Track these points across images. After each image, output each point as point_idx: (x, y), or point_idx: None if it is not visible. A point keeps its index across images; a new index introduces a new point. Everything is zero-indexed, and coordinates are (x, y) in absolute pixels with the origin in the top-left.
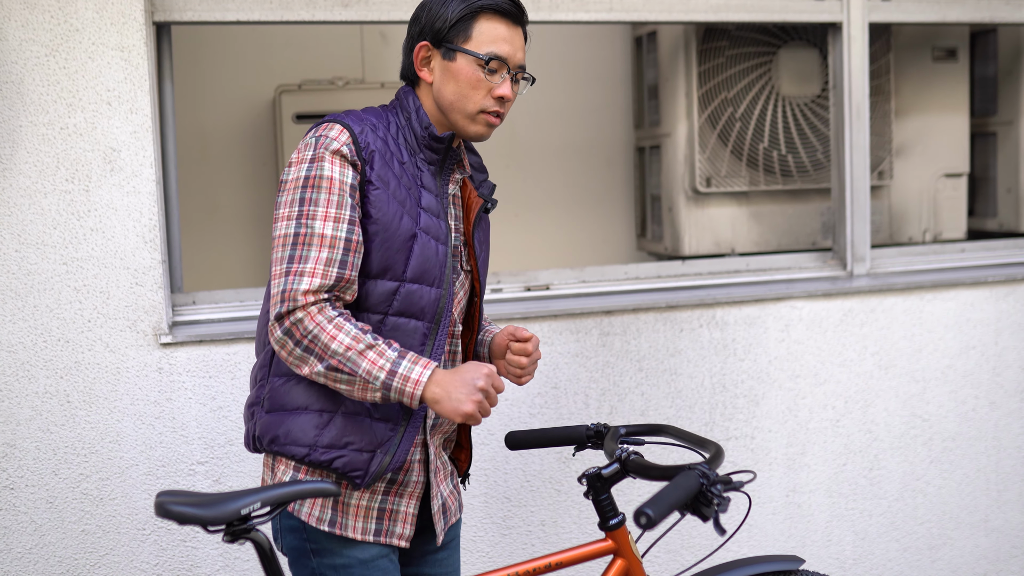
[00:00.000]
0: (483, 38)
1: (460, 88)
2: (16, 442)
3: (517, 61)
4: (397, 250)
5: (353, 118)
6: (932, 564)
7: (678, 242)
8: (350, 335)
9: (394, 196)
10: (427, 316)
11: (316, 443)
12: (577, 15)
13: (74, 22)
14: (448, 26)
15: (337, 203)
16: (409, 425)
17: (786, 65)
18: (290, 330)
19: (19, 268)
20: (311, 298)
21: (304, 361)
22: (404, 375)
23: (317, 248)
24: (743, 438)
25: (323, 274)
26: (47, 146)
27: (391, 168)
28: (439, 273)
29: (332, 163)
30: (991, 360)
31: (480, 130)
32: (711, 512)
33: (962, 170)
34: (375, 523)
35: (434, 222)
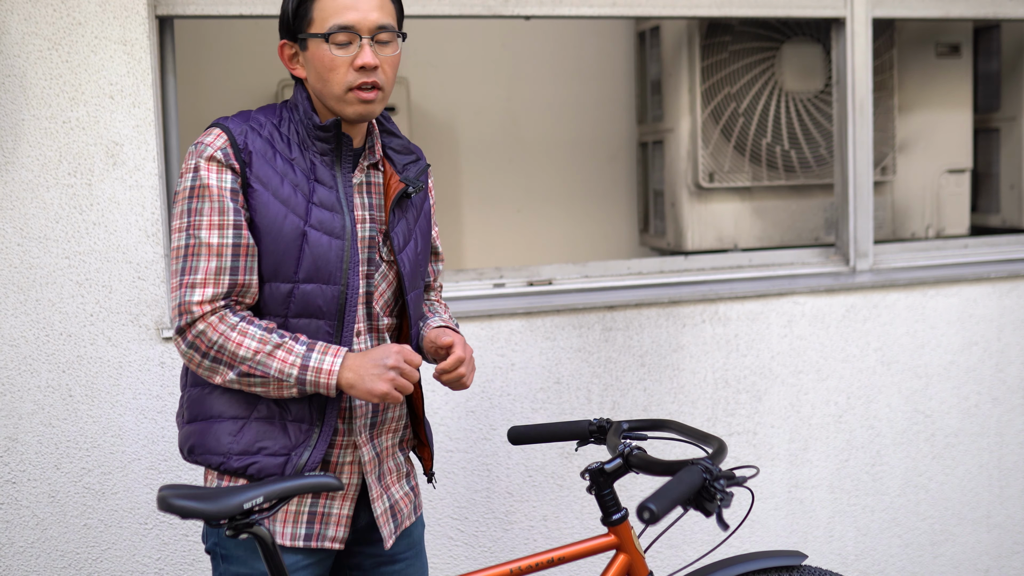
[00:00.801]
0: (324, 15)
1: (320, 74)
2: (18, 436)
3: (370, 23)
4: (285, 251)
5: (237, 120)
6: (934, 560)
7: (681, 237)
8: (256, 338)
9: (276, 196)
10: (327, 315)
11: (230, 451)
12: (580, 9)
13: (77, 15)
14: (293, 18)
15: (219, 210)
16: (324, 424)
17: (789, 60)
18: (194, 343)
19: (21, 262)
20: (207, 307)
21: (215, 371)
22: (316, 367)
23: (206, 258)
24: (745, 434)
25: (215, 283)
26: (49, 140)
27: (273, 166)
28: (336, 269)
29: (209, 170)
30: (994, 356)
31: (357, 109)
32: (714, 507)
33: (965, 166)
34: (305, 527)
35: (328, 216)
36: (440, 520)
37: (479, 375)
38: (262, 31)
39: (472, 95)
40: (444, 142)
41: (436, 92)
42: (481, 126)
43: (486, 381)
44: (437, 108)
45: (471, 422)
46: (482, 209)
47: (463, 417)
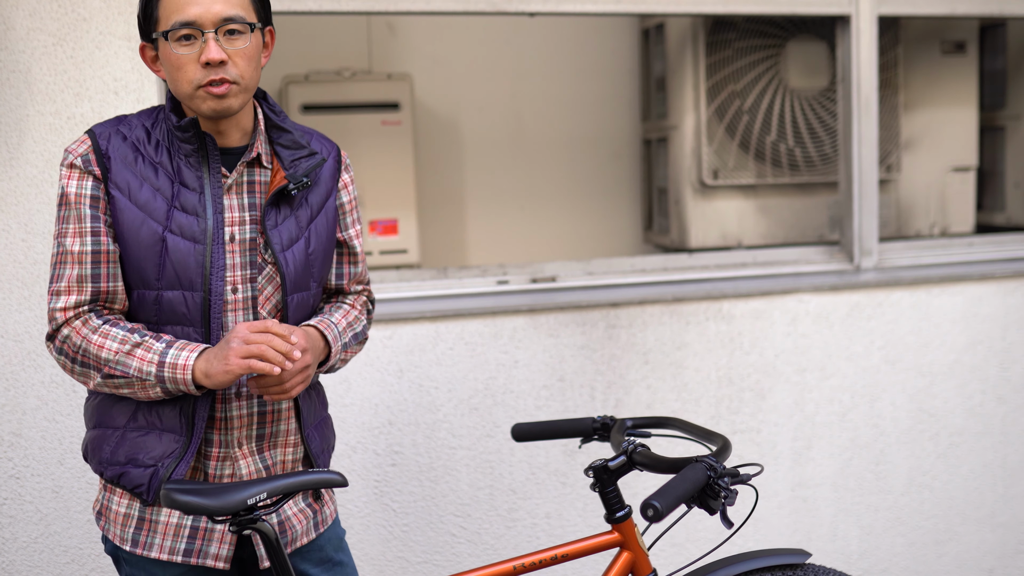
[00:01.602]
0: (167, 13)
1: (171, 74)
2: (22, 431)
3: (214, 16)
4: (144, 257)
5: (108, 123)
6: (938, 559)
7: (685, 235)
8: (117, 339)
9: (133, 201)
10: (193, 322)
11: (105, 460)
12: (585, 6)
13: (81, 11)
14: (143, 18)
15: (77, 217)
16: (193, 434)
17: (794, 58)
18: (62, 348)
19: (25, 257)
20: (71, 314)
21: (86, 376)
22: (172, 363)
23: (69, 266)
24: (749, 432)
25: (78, 290)
26: (54, 135)
27: (132, 171)
28: (196, 275)
29: (70, 178)
30: (998, 355)
31: (211, 104)
32: (718, 505)
33: (970, 164)
34: (185, 542)
35: (187, 221)
36: (443, 517)
37: (482, 371)
38: None
39: (476, 92)
40: (448, 139)
41: (440, 89)
42: (485, 123)
43: (489, 378)
44: (441, 105)
45: (474, 419)
46: (486, 206)
47: (466, 414)
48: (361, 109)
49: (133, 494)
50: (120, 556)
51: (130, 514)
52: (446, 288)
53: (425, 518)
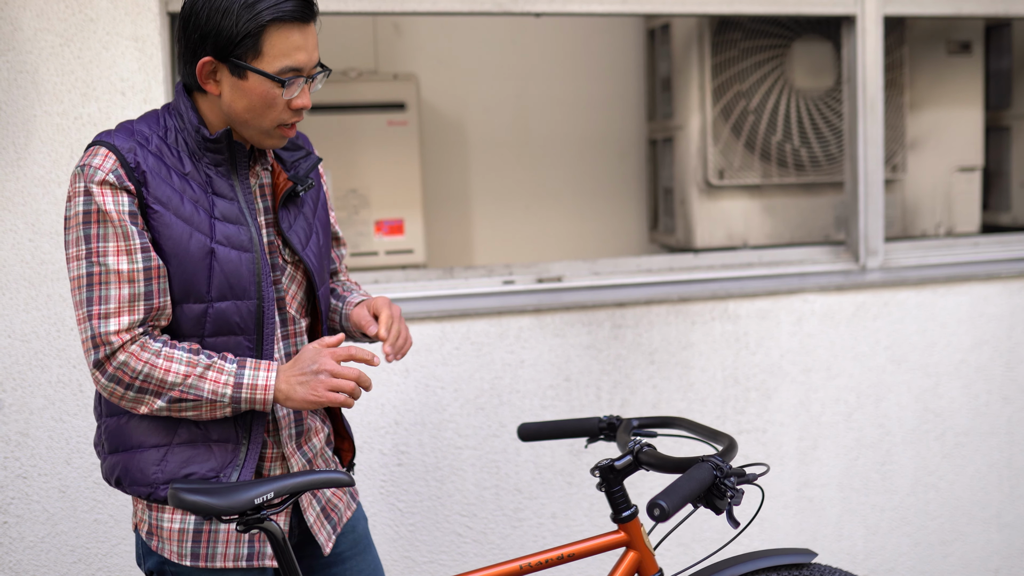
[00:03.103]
0: (275, 52)
1: (254, 106)
2: (29, 431)
3: (312, 63)
4: (194, 271)
5: (121, 135)
6: (944, 559)
7: (690, 235)
8: (183, 362)
9: (178, 215)
10: (245, 331)
11: (156, 480)
12: (591, 7)
13: (89, 12)
14: (234, 42)
15: (124, 235)
16: (251, 441)
17: (800, 58)
18: (116, 376)
19: (33, 257)
20: (125, 337)
21: (140, 401)
22: (251, 384)
23: (116, 286)
24: (755, 431)
25: (130, 310)
26: (61, 136)
27: (170, 184)
28: (249, 284)
29: (103, 195)
30: (1004, 355)
31: (275, 142)
32: (724, 505)
33: (976, 164)
34: (247, 547)
35: (234, 230)
36: (449, 517)
37: (488, 371)
38: None
39: (482, 92)
40: (453, 139)
41: (446, 89)
42: (491, 123)
43: (495, 378)
44: (447, 105)
45: (480, 419)
46: (492, 206)
47: (472, 414)
48: (367, 109)
49: None
50: (168, 571)
51: (185, 528)
52: (452, 288)
53: (431, 518)
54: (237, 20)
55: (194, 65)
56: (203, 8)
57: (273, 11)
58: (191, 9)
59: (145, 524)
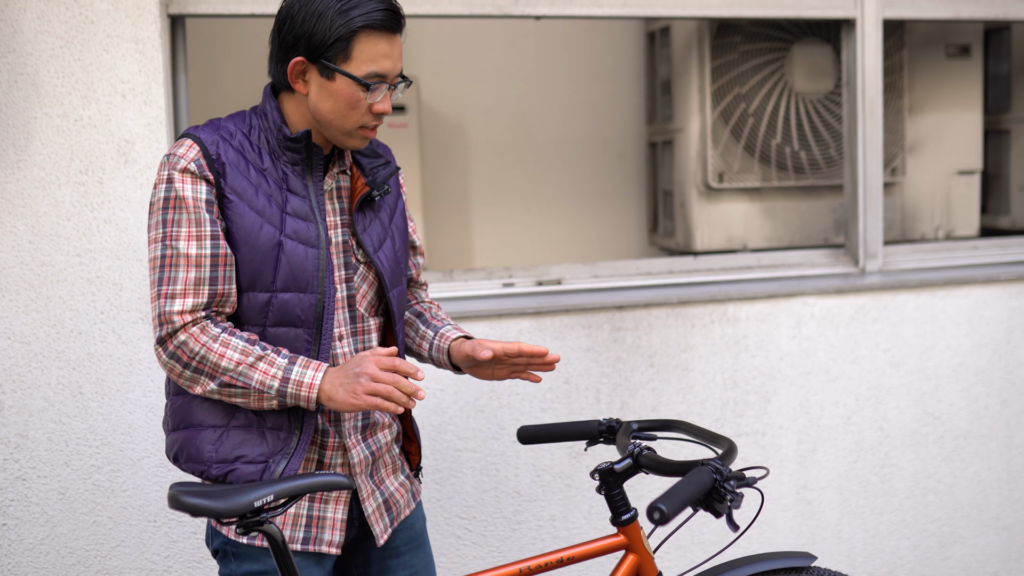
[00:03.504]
0: (363, 57)
1: (338, 107)
2: (29, 433)
3: (396, 71)
4: (262, 261)
5: (207, 129)
6: (943, 562)
7: (690, 238)
8: (238, 350)
9: (251, 206)
10: (306, 323)
11: (210, 459)
12: (591, 9)
13: (89, 14)
14: (326, 45)
15: (196, 221)
16: (303, 432)
17: (799, 61)
18: (175, 354)
19: (32, 259)
20: (188, 318)
21: (195, 381)
22: (297, 380)
23: (184, 268)
24: (754, 434)
25: (195, 293)
26: (61, 138)
27: (247, 177)
28: (312, 278)
29: (183, 182)
30: (1003, 358)
31: (357, 143)
32: (724, 508)
33: (975, 167)
34: (303, 531)
35: (302, 226)
36: (448, 519)
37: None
38: None
39: (482, 95)
40: (454, 141)
41: (446, 91)
42: (491, 126)
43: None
44: (447, 107)
45: (480, 421)
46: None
47: (472, 416)
48: None
49: None
50: (229, 551)
51: None
52: (452, 290)
53: (431, 520)
54: (331, 24)
55: (286, 64)
56: (299, 11)
57: (365, 18)
58: (287, 12)
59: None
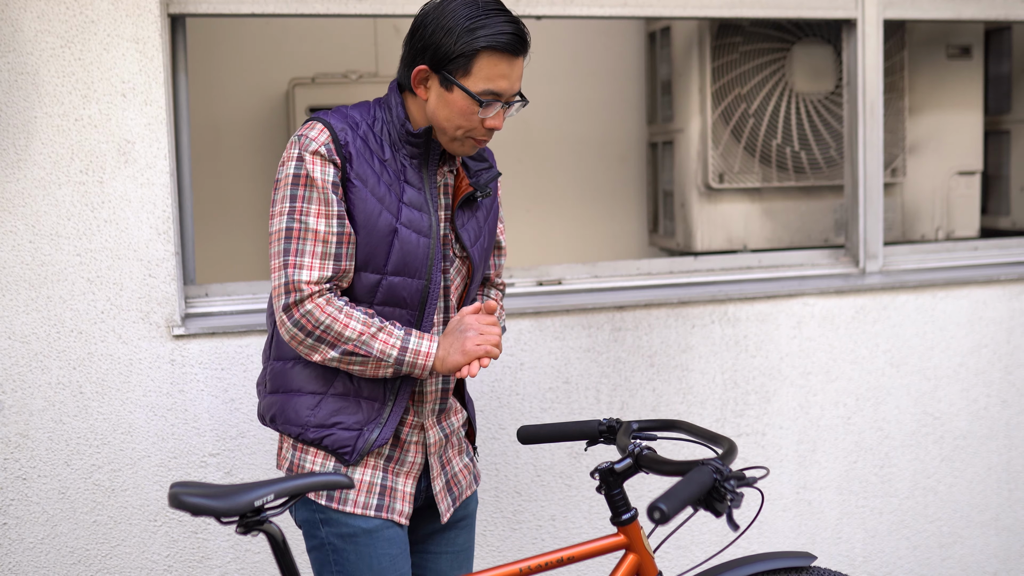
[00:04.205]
0: (482, 75)
1: (452, 116)
2: (29, 432)
3: (513, 91)
4: (377, 244)
5: (336, 116)
6: (942, 562)
7: (690, 238)
8: (360, 321)
9: (373, 193)
10: (410, 305)
11: (307, 423)
12: (591, 10)
13: (89, 13)
14: (449, 58)
15: (325, 200)
16: (396, 403)
17: (800, 61)
18: (300, 322)
19: (33, 259)
20: (315, 288)
21: (315, 349)
22: (415, 350)
23: (312, 242)
24: (754, 435)
25: (320, 267)
26: (62, 137)
27: (371, 165)
28: (422, 265)
29: (314, 163)
30: (1003, 358)
31: (465, 151)
32: (724, 508)
33: (975, 168)
34: (376, 498)
35: (417, 216)
36: None
37: (487, 374)
38: (274, 30)
39: None
40: None
41: None
42: None
43: (495, 380)
44: None
45: (480, 421)
46: None
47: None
48: None
49: (334, 454)
50: (318, 518)
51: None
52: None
53: None
54: (457, 40)
55: (411, 69)
56: (432, 22)
57: (489, 40)
58: (421, 21)
59: (287, 462)
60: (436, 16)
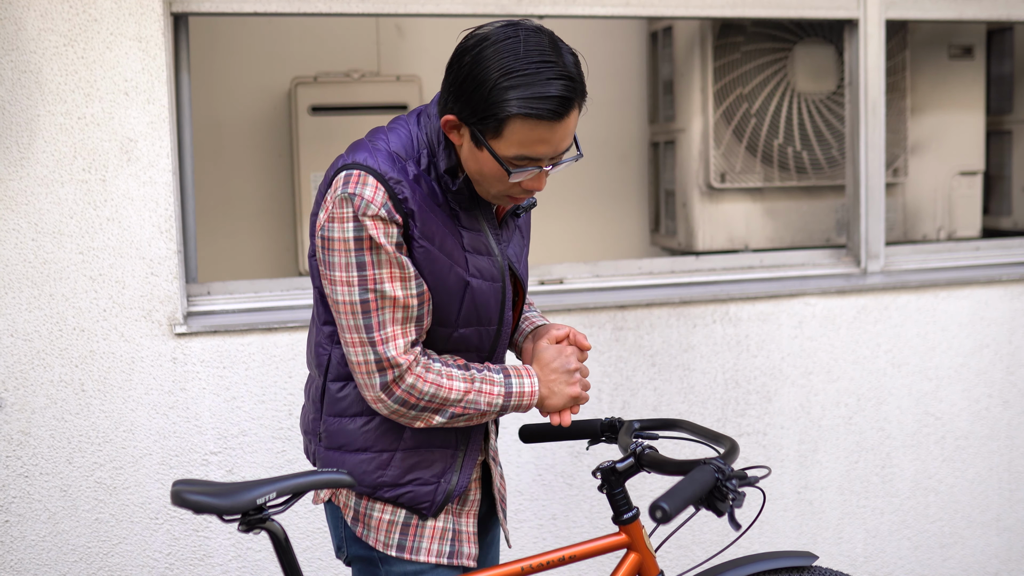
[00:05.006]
0: (514, 140)
1: (484, 174)
2: (31, 430)
3: (557, 152)
4: (448, 302)
5: (384, 161)
6: (943, 563)
7: (692, 238)
8: (461, 379)
9: (440, 249)
10: (481, 351)
11: (379, 483)
12: (593, 9)
13: (92, 12)
14: (478, 116)
15: (398, 264)
16: (469, 447)
17: (802, 61)
18: (404, 399)
19: (35, 257)
20: (410, 356)
21: (419, 418)
22: (519, 392)
23: (392, 310)
24: (755, 434)
25: (405, 332)
26: (64, 136)
27: (434, 216)
28: (494, 312)
29: (376, 227)
30: (1004, 359)
31: (503, 204)
32: (726, 507)
33: (977, 168)
34: (449, 545)
35: (485, 263)
36: None
37: None
38: (276, 28)
39: None
40: None
41: None
42: None
43: None
44: None
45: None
46: None
47: None
48: (370, 111)
49: (413, 511)
50: (376, 557)
51: (395, 520)
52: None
53: None
54: (487, 98)
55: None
56: (466, 67)
57: (523, 106)
58: (457, 61)
59: (351, 511)
60: (471, 61)
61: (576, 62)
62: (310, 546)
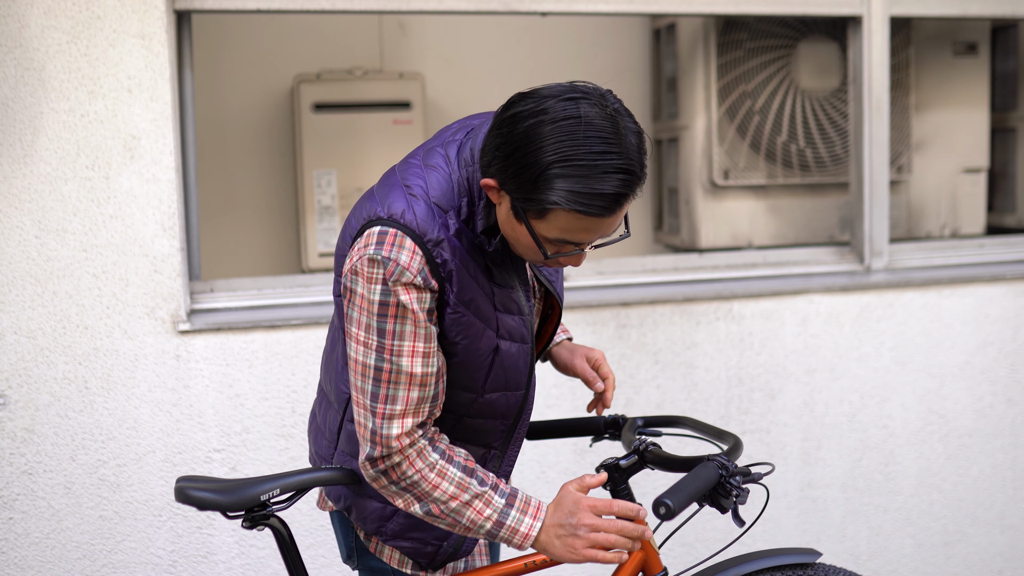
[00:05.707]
0: (557, 226)
1: (519, 242)
2: (35, 427)
3: (597, 238)
4: (476, 367)
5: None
6: (947, 560)
7: (695, 235)
8: (454, 483)
9: (477, 314)
10: (507, 416)
11: (381, 531)
12: (597, 6)
13: (96, 9)
14: (521, 194)
15: (424, 336)
16: None
17: (805, 58)
18: (386, 472)
19: (39, 254)
20: (406, 441)
21: (399, 497)
22: (513, 527)
23: (406, 387)
24: (759, 432)
25: (415, 412)
26: (68, 133)
27: (472, 280)
28: (522, 376)
29: (408, 294)
30: (1009, 356)
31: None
32: (730, 504)
33: (981, 165)
34: (464, 563)
35: (514, 323)
36: None
37: None
38: (279, 26)
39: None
40: None
41: (451, 88)
42: None
43: None
44: (452, 104)
45: None
46: None
47: None
48: (372, 108)
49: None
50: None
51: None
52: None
53: None
54: (536, 181)
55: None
56: (518, 139)
57: (573, 201)
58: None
59: (363, 531)
60: (523, 135)
61: (639, 144)
62: (313, 543)
